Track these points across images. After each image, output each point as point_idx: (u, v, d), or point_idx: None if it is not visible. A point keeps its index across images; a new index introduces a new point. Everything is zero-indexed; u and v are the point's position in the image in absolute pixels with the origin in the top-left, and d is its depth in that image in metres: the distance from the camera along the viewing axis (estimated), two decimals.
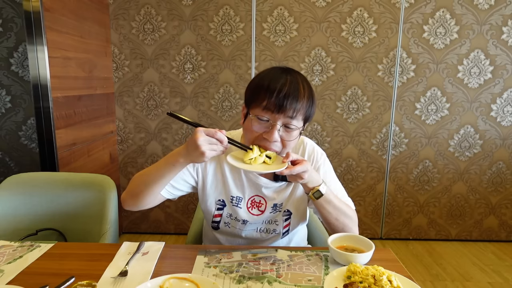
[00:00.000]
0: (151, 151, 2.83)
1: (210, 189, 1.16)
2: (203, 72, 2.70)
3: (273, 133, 0.99)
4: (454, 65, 2.66)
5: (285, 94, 0.97)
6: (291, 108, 0.97)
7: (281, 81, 0.99)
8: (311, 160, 1.17)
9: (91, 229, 1.34)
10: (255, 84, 1.03)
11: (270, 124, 1.00)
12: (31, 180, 1.41)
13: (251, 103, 1.03)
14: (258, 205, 1.16)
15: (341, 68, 2.67)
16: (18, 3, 2.07)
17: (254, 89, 1.02)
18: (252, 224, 1.17)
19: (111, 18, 2.63)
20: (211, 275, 0.92)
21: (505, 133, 2.76)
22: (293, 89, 0.98)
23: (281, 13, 2.60)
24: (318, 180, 1.05)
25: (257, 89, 1.01)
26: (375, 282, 0.83)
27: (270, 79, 1.00)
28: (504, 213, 2.88)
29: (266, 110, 0.98)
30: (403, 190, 2.86)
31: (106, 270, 0.93)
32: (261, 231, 1.19)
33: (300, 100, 0.99)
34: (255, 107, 1.01)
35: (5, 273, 0.92)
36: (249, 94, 1.04)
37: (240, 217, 1.16)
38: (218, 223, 1.19)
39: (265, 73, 1.04)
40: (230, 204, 1.16)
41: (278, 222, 1.18)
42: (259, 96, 0.99)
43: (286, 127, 1.01)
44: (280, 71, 1.04)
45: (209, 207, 1.18)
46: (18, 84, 2.16)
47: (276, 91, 0.97)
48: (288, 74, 1.02)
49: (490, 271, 2.45)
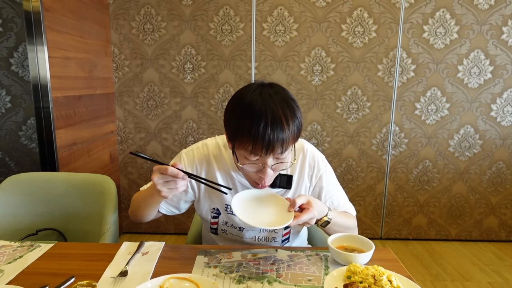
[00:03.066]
0: (151, 151, 2.83)
1: (203, 198, 1.16)
2: (203, 72, 2.70)
3: (266, 172, 0.96)
4: (454, 65, 2.66)
5: (269, 138, 0.90)
6: (278, 146, 0.92)
7: (261, 122, 0.89)
8: (312, 169, 1.14)
9: (91, 229, 1.34)
10: (235, 124, 0.95)
11: (261, 164, 0.96)
12: (31, 180, 1.41)
13: (234, 142, 0.96)
14: None
15: (341, 68, 2.67)
16: (18, 3, 2.07)
17: (235, 130, 0.94)
18: (249, 231, 1.16)
19: (111, 18, 2.63)
20: (211, 275, 0.92)
21: (505, 133, 2.76)
22: (275, 126, 0.90)
23: (281, 13, 2.60)
24: (324, 211, 1.03)
25: (239, 131, 0.93)
26: (375, 282, 0.83)
27: (250, 119, 0.91)
28: (504, 213, 2.88)
29: (253, 153, 0.93)
30: (403, 190, 2.86)
31: (106, 270, 0.93)
32: (259, 240, 1.18)
33: (286, 135, 0.92)
34: (241, 148, 0.95)
35: (5, 273, 0.92)
36: (231, 132, 0.96)
37: (236, 225, 1.16)
38: (216, 230, 1.19)
39: (242, 108, 0.94)
40: (225, 212, 1.15)
41: (278, 230, 1.16)
42: (242, 140, 0.92)
43: (277, 160, 0.97)
44: (257, 101, 0.93)
45: (205, 215, 1.19)
46: (18, 84, 2.16)
47: (260, 136, 0.89)
48: (265, 103, 0.92)
49: (490, 271, 2.45)
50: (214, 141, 1.17)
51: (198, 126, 2.78)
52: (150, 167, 2.85)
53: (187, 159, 1.14)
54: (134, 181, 2.88)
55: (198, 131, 2.79)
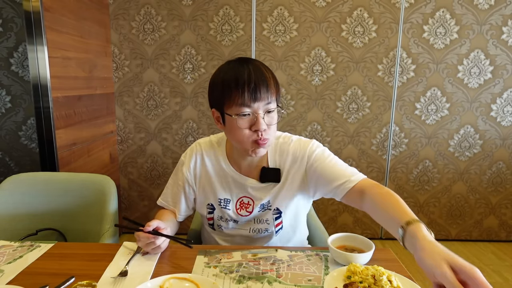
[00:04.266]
0: (151, 151, 2.83)
1: (200, 195, 1.22)
2: (203, 72, 2.70)
3: (260, 122, 1.01)
4: (454, 65, 2.66)
5: (255, 84, 0.98)
6: (265, 94, 1.00)
7: (245, 72, 1.00)
8: (301, 157, 1.13)
9: (91, 229, 1.34)
10: (220, 84, 1.02)
11: (254, 116, 1.01)
12: (31, 180, 1.41)
13: (223, 104, 1.03)
14: (246, 206, 1.17)
15: (341, 68, 2.67)
16: (18, 3, 2.07)
17: (222, 90, 1.02)
18: (242, 224, 1.18)
19: (111, 18, 2.63)
20: (211, 275, 0.92)
21: (505, 133, 2.76)
22: (259, 75, 1.00)
23: (281, 13, 2.60)
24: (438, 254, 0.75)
25: (225, 88, 1.01)
26: (375, 282, 0.83)
27: (233, 74, 1.00)
28: (504, 213, 2.88)
29: (243, 105, 0.99)
30: (403, 190, 2.86)
31: (106, 270, 0.93)
32: (253, 231, 1.19)
33: (269, 83, 1.01)
34: (230, 106, 1.01)
35: (5, 273, 0.92)
36: (218, 95, 1.04)
37: (230, 218, 1.18)
38: (213, 225, 1.22)
39: (224, 71, 1.04)
40: (219, 207, 1.18)
41: (269, 221, 1.18)
42: (231, 94, 0.99)
43: (267, 112, 1.03)
44: (237, 63, 1.04)
45: (202, 211, 1.24)
46: (18, 84, 2.16)
47: (246, 84, 0.98)
48: (246, 63, 1.03)
49: (490, 271, 2.45)
50: (207, 139, 1.24)
51: (198, 126, 2.78)
52: (150, 167, 2.85)
53: (185, 160, 1.22)
54: (134, 181, 2.88)
55: (198, 131, 2.79)
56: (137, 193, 2.91)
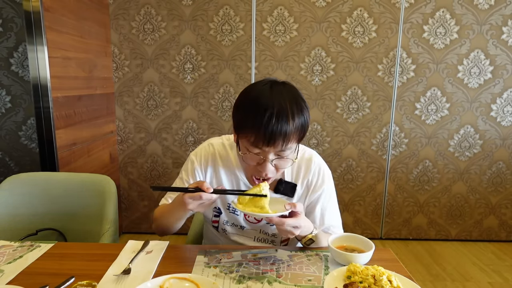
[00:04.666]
0: (151, 151, 2.83)
1: None
2: (203, 72, 2.70)
3: (266, 166, 0.97)
4: (454, 65, 2.66)
5: (273, 129, 0.90)
6: (280, 140, 0.92)
7: (267, 113, 0.90)
8: (315, 182, 1.12)
9: (91, 229, 1.34)
10: (240, 115, 0.97)
11: (263, 157, 0.97)
12: (31, 180, 1.41)
13: (238, 133, 0.98)
14: None
15: (341, 68, 2.67)
16: (18, 3, 2.07)
17: (239, 121, 0.97)
18: (249, 230, 1.17)
19: (111, 18, 2.63)
20: (211, 275, 0.92)
21: (505, 133, 2.76)
22: (280, 118, 0.90)
23: (281, 13, 2.60)
24: (310, 228, 1.02)
25: (243, 122, 0.95)
26: (375, 282, 0.83)
27: (254, 109, 0.92)
28: (504, 213, 2.88)
29: (255, 145, 0.94)
30: (403, 190, 2.86)
31: (110, 268, 0.93)
32: (258, 240, 1.18)
33: (290, 129, 0.91)
34: (243, 138, 0.97)
35: (5, 273, 0.92)
36: (236, 123, 0.99)
37: (238, 223, 1.17)
38: (217, 228, 1.21)
39: (250, 98, 0.96)
40: (227, 211, 1.16)
41: (277, 235, 1.17)
42: (246, 130, 0.94)
43: (279, 156, 0.97)
44: (265, 93, 0.94)
45: (207, 213, 1.21)
46: (18, 84, 2.16)
47: (263, 127, 0.90)
48: (273, 97, 0.93)
49: (490, 271, 2.45)
50: (220, 140, 1.18)
51: (198, 126, 2.78)
52: (150, 167, 2.85)
53: (196, 160, 1.16)
54: (134, 181, 2.88)
55: (198, 131, 2.79)
56: (137, 193, 2.91)
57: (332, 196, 1.16)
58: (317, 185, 1.13)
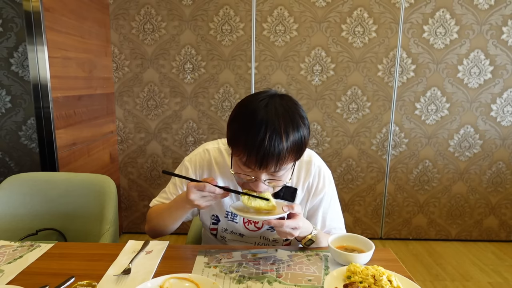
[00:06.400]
0: (151, 151, 2.83)
1: None
2: (203, 72, 2.70)
3: (258, 185, 0.93)
4: (454, 65, 2.66)
5: (265, 151, 0.85)
6: (272, 163, 0.88)
7: (260, 132, 0.85)
8: (316, 185, 1.11)
9: (91, 229, 1.34)
10: (233, 130, 0.92)
11: (254, 177, 0.94)
12: (31, 180, 1.41)
13: (231, 147, 0.95)
14: (256, 222, 1.12)
15: (341, 68, 2.67)
16: (18, 3, 2.06)
17: (232, 136, 0.93)
18: (249, 237, 1.16)
19: (111, 18, 2.63)
20: (211, 275, 0.92)
21: (505, 133, 2.76)
22: (273, 139, 0.85)
23: (281, 13, 2.60)
24: (309, 229, 1.02)
25: (235, 138, 0.91)
26: (375, 282, 0.83)
27: (247, 128, 0.88)
28: (504, 213, 2.88)
29: (246, 165, 0.91)
30: (403, 190, 2.86)
31: (110, 268, 0.93)
32: (259, 245, 1.18)
33: (284, 149, 0.87)
34: (235, 156, 0.93)
35: (5, 273, 0.92)
36: (229, 136, 0.95)
37: (236, 231, 1.16)
38: (216, 235, 1.20)
39: (244, 116, 0.91)
40: (226, 219, 1.15)
41: (278, 240, 1.16)
42: (238, 149, 0.91)
43: (272, 177, 0.94)
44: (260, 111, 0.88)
45: (205, 221, 1.20)
46: (18, 84, 2.16)
47: (255, 148, 0.86)
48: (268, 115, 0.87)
49: (490, 271, 2.45)
50: (216, 145, 1.15)
51: (198, 126, 2.78)
52: (150, 167, 2.85)
53: (190, 167, 1.13)
54: (134, 181, 2.88)
55: (198, 131, 2.79)
56: (137, 193, 2.91)
57: (333, 198, 1.15)
58: (318, 189, 1.11)
